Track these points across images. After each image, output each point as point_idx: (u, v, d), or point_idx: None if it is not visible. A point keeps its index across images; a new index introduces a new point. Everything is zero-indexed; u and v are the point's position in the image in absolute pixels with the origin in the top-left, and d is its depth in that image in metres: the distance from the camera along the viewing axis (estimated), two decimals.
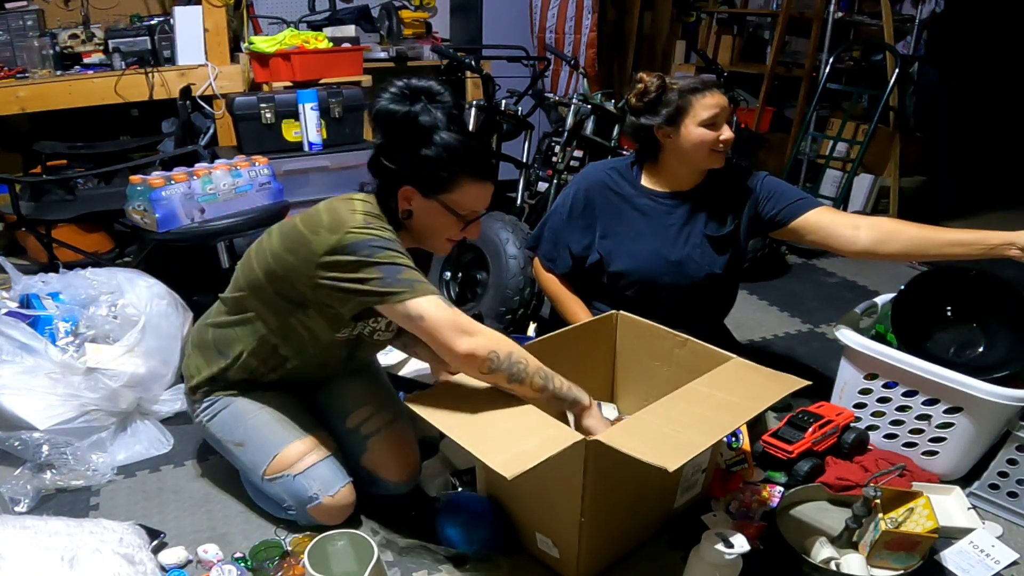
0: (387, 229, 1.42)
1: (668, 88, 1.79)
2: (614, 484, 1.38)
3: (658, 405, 1.39)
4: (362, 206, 1.44)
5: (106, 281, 2.08)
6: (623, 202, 1.91)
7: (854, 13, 4.24)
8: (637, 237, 1.88)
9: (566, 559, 1.45)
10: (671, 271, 1.87)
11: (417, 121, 1.38)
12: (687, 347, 1.68)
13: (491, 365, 1.35)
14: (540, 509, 1.46)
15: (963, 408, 1.71)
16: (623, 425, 1.39)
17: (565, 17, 4.29)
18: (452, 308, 1.39)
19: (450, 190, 1.42)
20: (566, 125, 3.20)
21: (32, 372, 1.77)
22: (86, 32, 3.12)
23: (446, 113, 1.40)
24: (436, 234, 1.49)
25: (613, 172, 1.94)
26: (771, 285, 3.16)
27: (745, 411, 1.36)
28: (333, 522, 1.58)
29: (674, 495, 1.58)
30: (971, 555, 1.56)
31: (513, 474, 1.16)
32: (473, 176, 1.42)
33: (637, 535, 1.57)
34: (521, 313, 2.34)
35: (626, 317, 1.80)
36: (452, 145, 1.39)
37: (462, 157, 1.40)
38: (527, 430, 1.31)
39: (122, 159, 2.99)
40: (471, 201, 1.45)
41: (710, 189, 1.89)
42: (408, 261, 1.40)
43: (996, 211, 4.40)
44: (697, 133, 1.77)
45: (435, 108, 1.39)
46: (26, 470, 1.73)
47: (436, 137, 1.39)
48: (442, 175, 1.40)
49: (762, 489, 1.66)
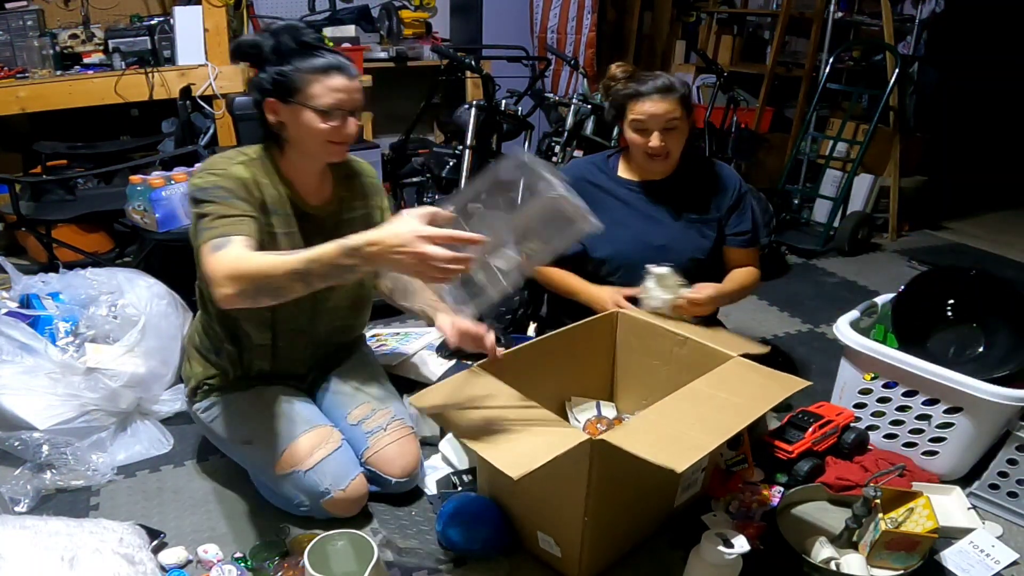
0: (226, 176, 1.46)
1: (615, 86, 1.88)
2: (617, 483, 1.38)
3: (662, 405, 1.39)
4: (224, 154, 1.54)
5: (106, 281, 2.08)
6: (601, 192, 1.96)
7: (854, 13, 4.24)
8: (618, 224, 1.91)
9: (568, 558, 1.45)
10: (654, 255, 1.88)
11: (260, 45, 1.50)
12: (687, 346, 1.68)
13: (248, 298, 1.30)
14: (543, 508, 1.46)
15: (963, 408, 1.71)
16: (628, 425, 1.39)
17: (567, 17, 4.29)
18: (219, 255, 1.32)
19: (302, 90, 1.47)
20: (566, 125, 3.21)
21: (32, 372, 1.77)
22: (86, 32, 3.12)
23: (290, 34, 1.49)
24: (312, 138, 1.51)
25: (591, 165, 2.02)
26: (771, 285, 3.16)
27: (749, 412, 1.36)
28: (348, 514, 1.59)
29: (674, 494, 1.59)
30: (971, 555, 1.56)
31: (519, 475, 1.15)
32: (319, 73, 1.47)
33: (638, 534, 1.57)
34: (521, 313, 2.34)
35: (626, 316, 1.80)
36: (291, 49, 1.48)
37: (305, 62, 1.47)
38: (532, 429, 1.31)
39: (122, 159, 2.99)
40: (325, 92, 1.47)
41: (686, 178, 1.95)
42: (226, 208, 1.41)
43: (996, 211, 4.41)
44: (630, 135, 1.87)
45: (280, 33, 1.49)
46: (26, 470, 1.73)
47: (283, 54, 1.48)
48: (293, 78, 1.46)
49: (762, 489, 1.66)
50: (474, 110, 2.81)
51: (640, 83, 1.83)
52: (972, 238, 3.93)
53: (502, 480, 1.50)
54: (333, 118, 1.48)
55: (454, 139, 3.50)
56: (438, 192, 3.27)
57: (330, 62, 1.48)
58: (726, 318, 2.16)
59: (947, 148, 4.32)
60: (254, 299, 1.30)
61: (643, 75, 1.86)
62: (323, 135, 1.50)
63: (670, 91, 1.80)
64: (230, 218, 1.39)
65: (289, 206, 1.57)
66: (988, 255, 3.69)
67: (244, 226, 1.39)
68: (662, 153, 1.84)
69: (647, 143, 1.83)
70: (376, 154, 3.25)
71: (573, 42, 4.32)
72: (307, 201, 1.60)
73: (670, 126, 1.81)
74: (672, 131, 1.82)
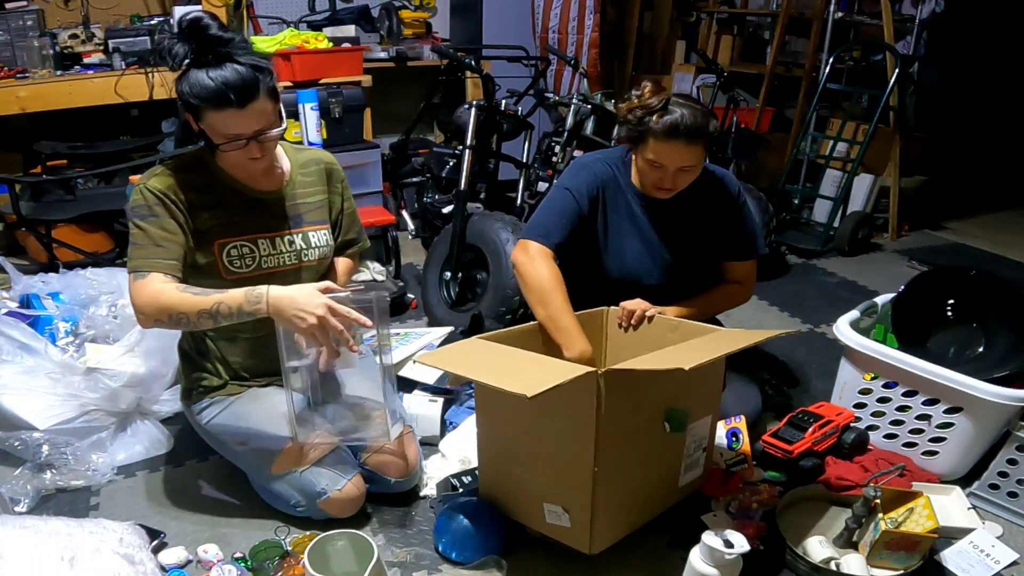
0: (145, 191, 1.46)
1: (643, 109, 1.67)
2: (624, 435, 1.39)
3: (660, 351, 1.45)
4: (162, 163, 1.53)
5: (106, 281, 2.08)
6: (621, 196, 1.85)
7: (854, 13, 4.23)
8: (627, 236, 1.85)
9: (578, 526, 1.44)
10: (657, 272, 1.85)
11: (169, 54, 1.39)
12: (679, 330, 1.69)
13: (166, 327, 1.46)
14: (550, 471, 1.45)
15: (963, 408, 1.71)
16: (631, 361, 1.40)
17: (568, 17, 4.29)
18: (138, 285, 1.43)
19: (201, 118, 1.42)
20: (566, 125, 3.21)
21: (32, 372, 1.77)
22: (86, 32, 3.12)
23: (196, 51, 1.38)
24: (225, 154, 1.47)
25: (611, 167, 1.86)
26: (771, 285, 3.16)
27: (743, 341, 1.46)
28: (345, 514, 1.59)
29: (678, 469, 1.58)
30: (971, 555, 1.56)
31: (534, 392, 1.16)
32: (210, 106, 1.38)
33: (644, 510, 1.56)
34: (521, 313, 2.34)
35: (617, 311, 1.78)
36: (193, 79, 1.38)
37: (196, 90, 1.37)
38: (539, 367, 1.35)
39: (122, 159, 2.99)
40: (219, 127, 1.42)
41: (689, 190, 1.81)
42: (145, 237, 1.44)
43: (996, 211, 4.41)
44: (642, 164, 1.74)
45: (184, 46, 1.37)
46: (26, 470, 1.73)
47: (184, 72, 1.40)
48: (191, 103, 1.40)
49: (762, 489, 1.66)
50: (474, 110, 2.81)
51: (665, 117, 1.63)
52: (972, 238, 3.93)
53: (505, 462, 1.54)
54: (237, 144, 1.44)
55: (454, 139, 3.50)
56: (438, 192, 3.27)
57: (218, 89, 1.36)
58: (726, 318, 2.15)
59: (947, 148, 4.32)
60: (171, 327, 1.47)
61: (672, 104, 1.65)
62: (234, 158, 1.48)
63: (701, 136, 1.64)
64: (149, 248, 1.45)
65: (235, 196, 1.56)
66: (988, 255, 3.69)
67: (160, 258, 1.45)
68: (670, 190, 1.75)
69: (659, 179, 1.72)
70: (376, 154, 3.25)
71: (575, 42, 4.32)
72: (255, 188, 1.59)
73: (687, 169, 1.70)
74: (688, 172, 1.71)
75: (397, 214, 3.44)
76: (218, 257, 1.54)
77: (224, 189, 1.56)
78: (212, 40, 1.38)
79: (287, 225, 1.62)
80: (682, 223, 1.85)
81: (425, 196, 3.31)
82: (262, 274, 1.58)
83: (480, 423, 1.60)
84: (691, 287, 1.89)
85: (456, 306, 2.57)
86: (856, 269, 3.39)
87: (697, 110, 1.65)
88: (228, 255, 1.55)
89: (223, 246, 1.54)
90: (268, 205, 1.60)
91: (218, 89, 1.36)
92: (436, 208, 3.14)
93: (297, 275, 1.64)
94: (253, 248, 1.57)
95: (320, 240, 1.67)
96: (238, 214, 1.56)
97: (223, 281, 1.54)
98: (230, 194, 1.56)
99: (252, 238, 1.57)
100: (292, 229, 1.63)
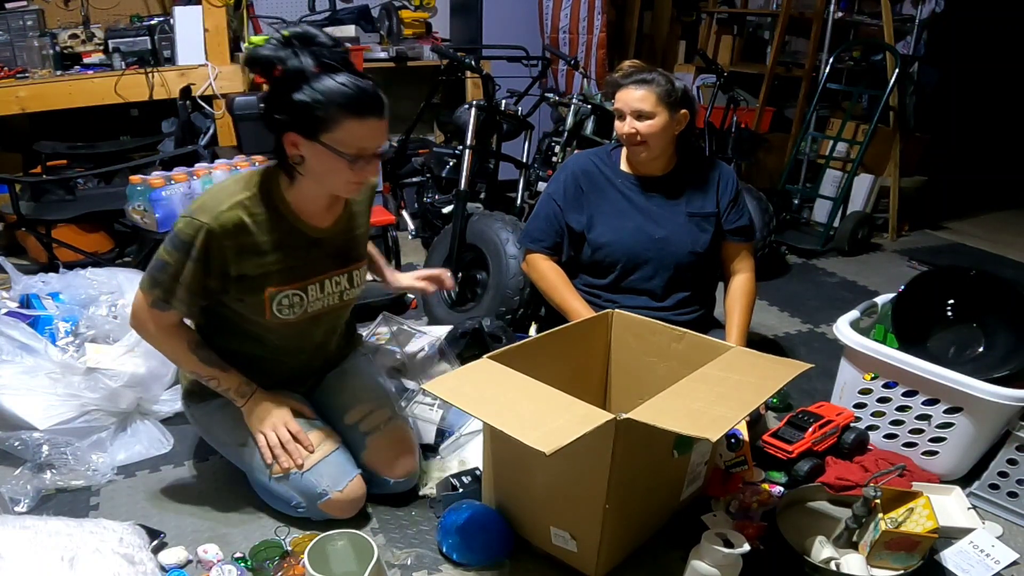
0: (205, 243, 1.41)
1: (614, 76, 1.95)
2: (635, 470, 1.38)
3: (678, 387, 1.40)
4: (224, 187, 1.48)
5: (106, 281, 2.08)
6: (607, 183, 2.00)
7: (854, 13, 4.24)
8: (620, 215, 1.97)
9: (585, 551, 1.43)
10: (654, 247, 1.95)
11: (286, 66, 1.35)
12: (684, 340, 1.68)
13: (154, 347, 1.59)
14: (559, 500, 1.44)
15: (963, 408, 1.71)
16: (651, 404, 1.36)
17: (578, 18, 4.28)
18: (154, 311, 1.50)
19: (330, 130, 1.35)
20: (566, 125, 3.21)
21: (32, 372, 1.77)
22: (86, 32, 3.12)
23: (318, 56, 1.35)
24: (331, 176, 1.42)
25: (595, 158, 2.05)
26: (771, 285, 3.16)
27: (764, 390, 1.39)
28: (346, 515, 1.58)
29: (681, 487, 1.58)
30: (971, 555, 1.56)
31: (552, 449, 1.13)
32: (350, 114, 1.35)
33: (647, 529, 1.56)
34: (521, 313, 2.34)
35: (621, 315, 1.79)
36: (323, 86, 1.34)
37: (334, 96, 1.34)
38: (555, 409, 1.30)
39: (122, 159, 2.99)
40: (353, 139, 1.37)
41: (685, 174, 1.99)
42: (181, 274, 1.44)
43: (996, 211, 4.41)
44: (617, 125, 1.92)
45: (305, 53, 1.35)
46: (26, 470, 1.73)
47: (306, 80, 1.34)
48: (318, 115, 1.34)
49: (762, 489, 1.66)
50: (474, 110, 2.81)
51: (618, 77, 1.92)
52: (972, 238, 3.93)
53: (512, 476, 1.52)
54: (361, 162, 1.40)
55: (454, 139, 3.50)
56: (438, 192, 3.27)
57: (363, 98, 1.34)
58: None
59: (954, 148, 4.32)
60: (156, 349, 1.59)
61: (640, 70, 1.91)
62: (347, 178, 1.42)
63: (646, 82, 1.86)
64: (179, 290, 1.46)
65: (297, 236, 1.51)
66: (988, 255, 3.69)
67: (185, 304, 1.48)
68: (635, 140, 1.88)
69: (626, 131, 1.89)
70: None
71: (585, 43, 4.31)
72: (315, 226, 1.54)
73: (642, 113, 1.85)
74: (646, 120, 1.86)
75: (397, 214, 3.44)
76: (267, 304, 1.50)
77: (288, 229, 1.49)
78: (324, 47, 1.36)
79: (337, 265, 1.59)
80: (678, 201, 1.98)
81: (425, 196, 3.31)
82: (307, 318, 1.57)
83: (487, 445, 1.57)
84: (689, 267, 1.98)
85: (456, 306, 2.57)
86: (856, 269, 3.39)
87: (653, 69, 1.91)
88: (279, 304, 1.51)
89: (274, 295, 1.50)
90: (323, 244, 1.56)
91: (359, 95, 1.34)
92: (436, 208, 3.14)
93: (338, 314, 1.65)
94: (303, 297, 1.54)
95: (361, 278, 1.66)
96: (296, 258, 1.51)
97: (263, 321, 1.53)
98: (293, 235, 1.50)
99: (303, 285, 1.53)
100: (340, 269, 1.60)
